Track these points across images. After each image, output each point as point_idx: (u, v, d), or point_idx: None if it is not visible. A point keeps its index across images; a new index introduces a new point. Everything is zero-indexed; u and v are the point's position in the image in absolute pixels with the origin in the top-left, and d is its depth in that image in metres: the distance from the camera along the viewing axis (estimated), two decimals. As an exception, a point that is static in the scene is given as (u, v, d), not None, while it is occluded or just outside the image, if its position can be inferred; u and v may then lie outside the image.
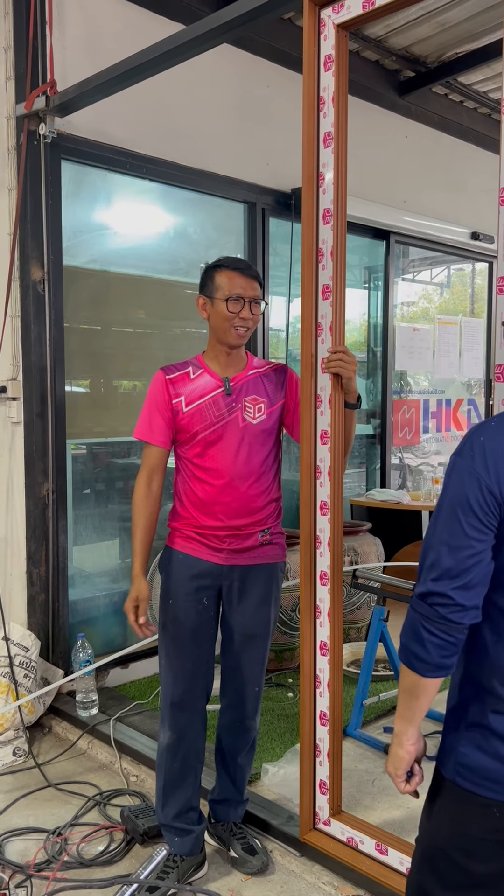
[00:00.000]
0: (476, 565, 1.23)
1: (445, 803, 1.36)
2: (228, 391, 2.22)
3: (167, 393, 2.23)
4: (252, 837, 2.41)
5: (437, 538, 1.26)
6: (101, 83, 2.94)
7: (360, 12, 2.08)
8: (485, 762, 1.28)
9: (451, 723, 1.35)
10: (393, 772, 1.40)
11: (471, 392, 5.95)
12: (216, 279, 2.20)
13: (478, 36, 4.21)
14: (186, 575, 2.23)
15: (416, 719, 1.36)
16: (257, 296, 2.21)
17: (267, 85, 4.05)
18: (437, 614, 1.24)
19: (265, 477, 2.26)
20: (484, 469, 1.22)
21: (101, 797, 2.76)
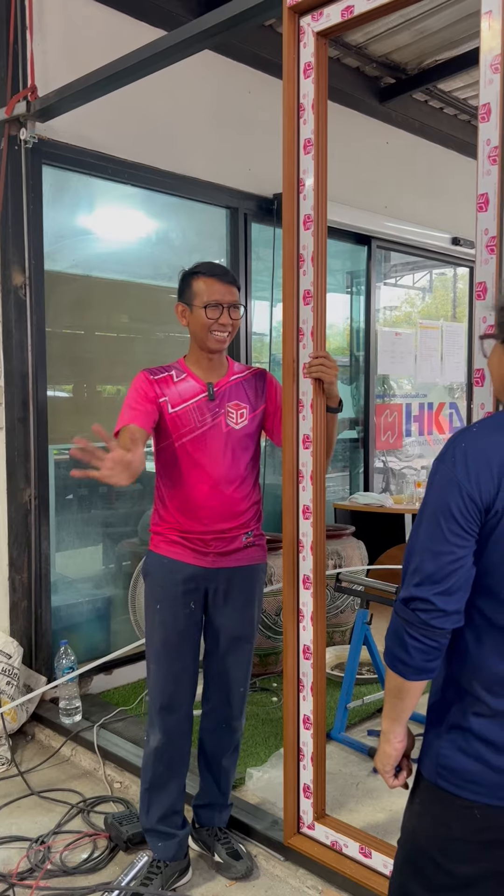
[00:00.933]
0: (458, 570, 1.24)
1: (427, 805, 1.37)
2: (212, 396, 2.23)
3: (153, 390, 2.20)
4: (236, 842, 2.41)
5: (419, 544, 1.28)
6: (82, 88, 2.94)
7: (339, 20, 2.09)
8: (466, 764, 1.29)
9: (433, 724, 1.37)
10: (382, 768, 1.43)
11: (453, 396, 5.99)
12: (194, 286, 2.20)
13: (457, 43, 4.25)
14: (173, 580, 2.23)
15: (402, 718, 1.38)
16: (235, 301, 2.21)
17: (248, 91, 4.07)
18: (420, 619, 1.25)
19: (247, 480, 2.27)
20: (465, 476, 1.23)
21: (85, 804, 2.74)
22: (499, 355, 1.37)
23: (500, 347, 1.36)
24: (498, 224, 1.84)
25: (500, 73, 1.79)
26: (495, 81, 1.81)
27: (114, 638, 3.80)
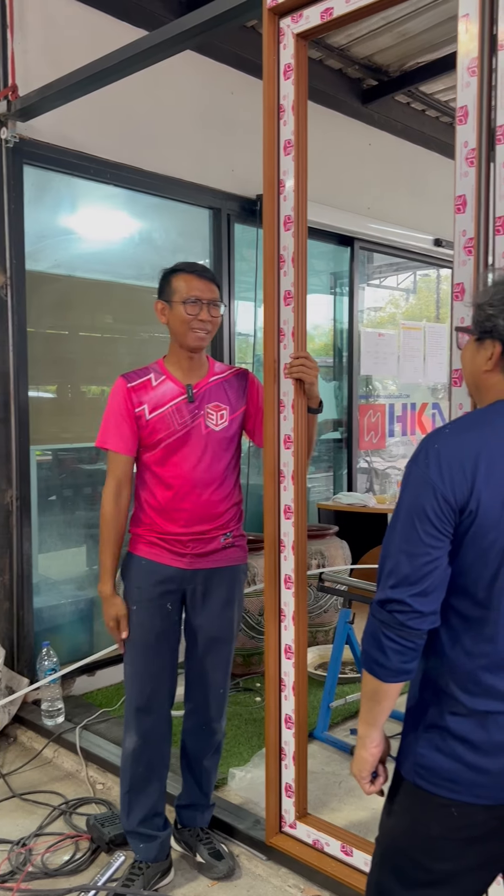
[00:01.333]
0: (433, 572, 1.25)
1: (405, 804, 1.37)
2: (191, 398, 2.23)
3: (129, 402, 2.22)
4: (218, 842, 2.41)
5: (394, 546, 1.28)
6: (64, 88, 2.93)
7: (319, 22, 2.10)
8: (443, 763, 1.30)
9: (410, 724, 1.37)
10: (357, 773, 1.42)
11: (436, 396, 6.02)
12: (173, 283, 2.20)
13: (438, 46, 4.27)
14: (150, 581, 2.23)
15: (378, 723, 1.38)
16: (215, 298, 2.21)
17: (231, 92, 4.07)
18: (396, 621, 1.25)
19: (227, 482, 2.27)
20: (439, 477, 1.24)
21: (67, 806, 2.74)
22: (472, 353, 1.38)
23: (474, 344, 1.37)
24: (475, 225, 1.85)
25: (477, 76, 1.81)
26: (472, 84, 1.82)
27: (97, 639, 3.79)
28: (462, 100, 1.84)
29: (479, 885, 1.37)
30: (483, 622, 1.27)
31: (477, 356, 1.36)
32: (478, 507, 1.23)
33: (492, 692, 1.27)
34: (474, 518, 1.23)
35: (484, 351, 1.34)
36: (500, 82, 1.78)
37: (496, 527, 1.23)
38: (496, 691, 1.27)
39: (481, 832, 1.30)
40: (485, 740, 1.27)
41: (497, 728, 1.27)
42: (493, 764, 1.27)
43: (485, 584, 1.26)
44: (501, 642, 1.26)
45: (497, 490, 1.23)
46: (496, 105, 1.79)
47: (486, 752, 1.27)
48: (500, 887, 1.64)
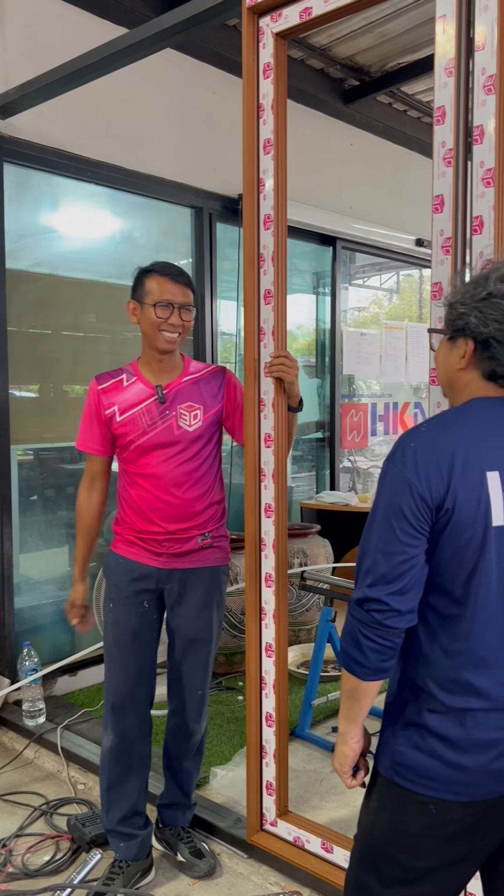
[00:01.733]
0: (410, 570, 1.25)
1: (383, 801, 1.38)
2: (161, 399, 2.22)
3: (100, 404, 2.24)
4: (199, 841, 2.41)
5: (371, 544, 1.28)
6: (44, 85, 2.92)
7: (298, 22, 2.11)
8: (421, 760, 1.30)
9: (389, 722, 1.38)
10: (339, 768, 1.43)
11: (418, 395, 6.05)
12: (146, 284, 2.19)
13: (419, 47, 4.30)
14: (126, 578, 2.23)
15: (358, 719, 1.38)
16: (188, 302, 2.19)
17: (213, 91, 4.07)
18: (374, 620, 1.26)
19: (203, 481, 2.26)
20: (415, 475, 1.25)
21: (48, 807, 2.73)
22: (445, 351, 1.39)
23: (447, 343, 1.38)
24: (453, 225, 1.86)
25: (454, 77, 1.82)
26: (449, 85, 1.83)
27: (78, 639, 3.78)
28: (439, 100, 1.86)
29: (457, 881, 1.38)
30: (460, 620, 1.28)
31: (450, 355, 1.37)
32: (454, 506, 1.24)
33: (469, 689, 1.28)
34: (451, 516, 1.24)
35: (457, 349, 1.35)
36: (476, 84, 1.79)
37: (472, 525, 1.24)
38: (473, 689, 1.28)
39: (458, 829, 1.30)
40: (463, 737, 1.28)
41: (475, 725, 1.28)
42: (470, 761, 1.28)
43: (461, 581, 1.27)
44: (478, 640, 1.27)
45: (473, 488, 1.24)
46: (473, 106, 1.80)
47: (464, 749, 1.28)
48: (477, 883, 1.65)
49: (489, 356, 1.31)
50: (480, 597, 1.26)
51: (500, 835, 1.34)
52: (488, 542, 1.25)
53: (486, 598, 1.26)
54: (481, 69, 1.77)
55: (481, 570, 1.25)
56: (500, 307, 1.28)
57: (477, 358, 1.33)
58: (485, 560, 1.25)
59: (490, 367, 1.32)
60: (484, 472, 1.25)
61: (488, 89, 1.77)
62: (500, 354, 1.29)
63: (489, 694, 1.28)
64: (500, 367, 1.31)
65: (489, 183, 1.78)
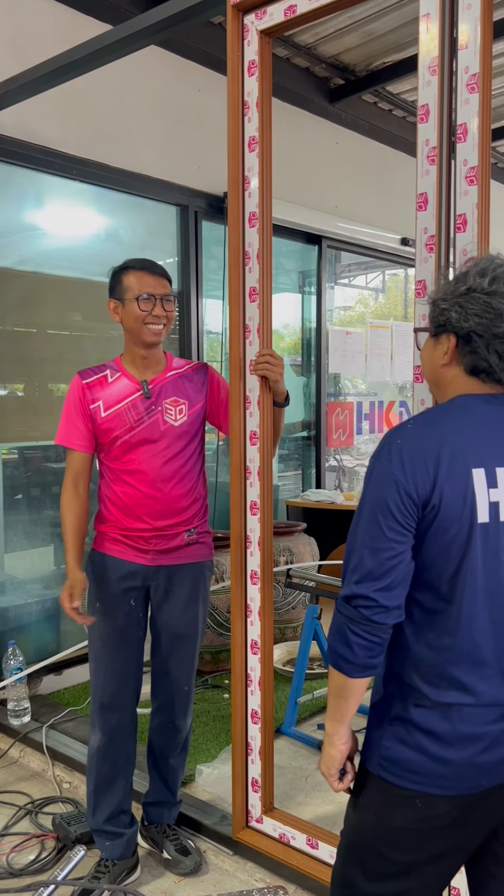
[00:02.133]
0: (397, 566, 1.26)
1: (370, 796, 1.38)
2: (147, 394, 2.22)
3: (84, 399, 2.22)
4: (185, 838, 2.41)
5: (358, 541, 1.29)
6: (27, 82, 2.90)
7: (283, 19, 2.11)
8: (408, 755, 1.31)
9: (375, 718, 1.38)
10: (326, 771, 1.42)
11: (403, 394, 6.07)
12: (124, 281, 2.19)
13: (404, 46, 4.31)
14: (113, 577, 2.22)
15: (346, 719, 1.38)
16: (168, 293, 2.20)
17: (198, 88, 4.07)
18: (362, 616, 1.26)
19: (188, 477, 2.26)
20: (402, 472, 1.25)
21: (33, 806, 2.71)
22: (430, 349, 1.40)
23: (431, 341, 1.39)
24: (437, 223, 1.88)
25: (438, 75, 1.83)
26: (433, 83, 1.84)
27: (64, 638, 3.76)
28: (423, 98, 1.86)
29: (443, 875, 1.39)
30: (446, 616, 1.28)
31: (434, 352, 1.38)
32: (440, 502, 1.24)
33: (455, 685, 1.28)
34: (437, 513, 1.25)
35: (440, 346, 1.36)
36: (460, 82, 1.80)
37: (458, 521, 1.25)
38: (460, 684, 1.28)
39: (444, 822, 1.31)
40: (448, 732, 1.29)
41: (460, 719, 1.28)
42: (456, 755, 1.28)
43: (447, 578, 1.27)
44: (464, 636, 1.28)
45: (459, 485, 1.25)
46: (456, 105, 1.81)
47: (450, 743, 1.28)
48: (462, 877, 1.66)
49: (471, 350, 1.31)
50: (466, 593, 1.27)
51: (485, 829, 1.35)
52: (474, 538, 1.25)
53: (471, 594, 1.27)
54: (465, 68, 1.78)
55: (467, 567, 1.26)
56: (479, 301, 1.28)
57: (459, 353, 1.33)
58: (470, 556, 1.26)
59: (472, 361, 1.32)
60: (469, 469, 1.25)
61: (471, 88, 1.78)
62: (481, 349, 1.30)
63: (475, 689, 1.28)
64: (483, 362, 1.31)
65: (472, 181, 1.79)
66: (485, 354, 1.30)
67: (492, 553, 1.27)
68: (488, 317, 1.28)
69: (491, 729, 1.29)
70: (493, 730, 1.29)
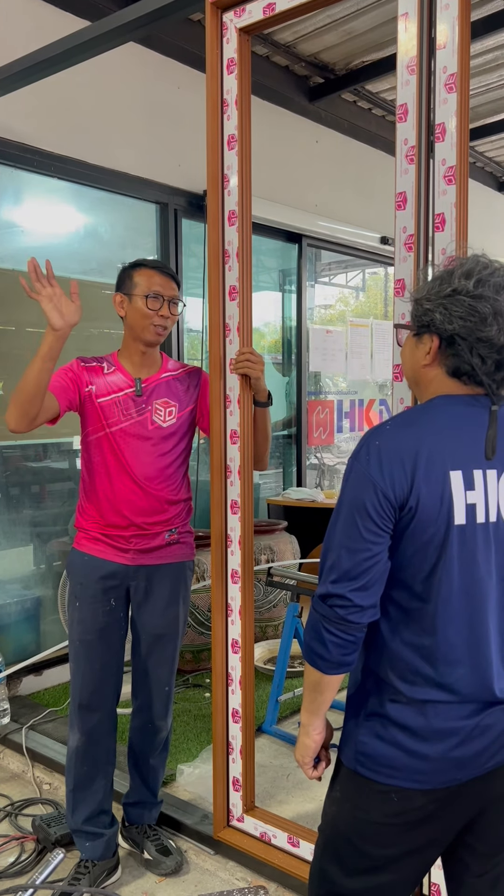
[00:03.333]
0: (373, 567, 1.27)
1: (346, 791, 1.39)
2: (139, 392, 2.22)
3: (81, 376, 2.20)
4: (166, 838, 2.41)
5: (335, 541, 1.29)
6: (4, 78, 2.87)
7: (261, 17, 2.11)
8: (383, 749, 1.32)
9: (351, 713, 1.39)
10: (301, 759, 1.44)
11: (384, 392, 6.10)
12: (135, 277, 2.21)
13: (383, 46, 4.32)
14: (93, 577, 2.21)
15: (320, 712, 1.40)
16: (175, 295, 2.22)
17: (177, 86, 4.05)
18: (337, 615, 1.27)
19: (173, 478, 2.26)
20: (379, 474, 1.25)
21: (13, 808, 2.69)
22: (411, 347, 1.40)
23: (412, 340, 1.39)
24: (416, 222, 1.88)
25: (416, 75, 1.84)
26: (412, 82, 1.85)
27: (43, 638, 3.74)
28: (402, 98, 1.87)
29: (419, 869, 1.40)
30: (422, 615, 1.29)
31: (416, 351, 1.38)
32: (417, 504, 1.25)
33: (431, 682, 1.29)
34: (414, 514, 1.25)
35: (422, 346, 1.36)
36: (438, 82, 1.81)
37: (435, 522, 1.26)
38: (434, 682, 1.29)
39: (420, 816, 1.32)
40: (423, 726, 1.30)
41: (435, 715, 1.30)
42: (431, 749, 1.29)
43: (423, 577, 1.28)
44: (440, 635, 1.29)
45: (436, 486, 1.25)
46: (435, 104, 1.82)
47: (425, 738, 1.29)
48: (438, 871, 1.68)
49: (453, 353, 1.32)
50: (442, 593, 1.28)
51: (460, 822, 1.36)
52: (450, 540, 1.26)
53: (447, 594, 1.28)
54: (443, 67, 1.79)
55: (443, 567, 1.27)
56: (464, 304, 1.28)
57: (442, 355, 1.33)
58: (446, 557, 1.27)
59: (454, 363, 1.32)
60: (447, 472, 1.26)
61: (449, 87, 1.78)
62: (464, 352, 1.30)
63: (451, 687, 1.29)
64: (465, 365, 1.31)
65: (451, 180, 1.80)
66: (467, 358, 1.30)
67: (468, 554, 1.28)
68: (472, 320, 1.28)
69: (466, 724, 1.30)
70: (468, 724, 1.30)
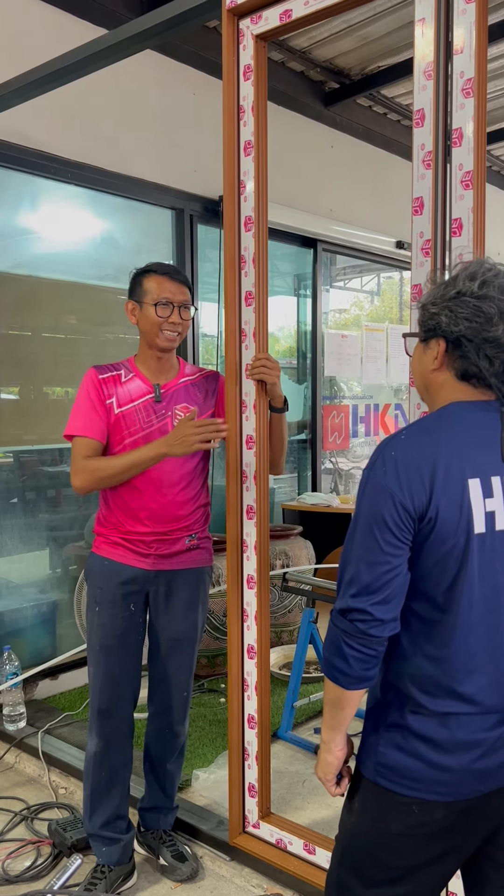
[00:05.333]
0: (393, 580, 1.25)
1: (366, 802, 1.37)
2: (158, 398, 2.22)
3: (101, 391, 2.20)
4: (182, 844, 2.40)
5: (354, 554, 1.27)
6: (22, 86, 2.89)
7: (278, 24, 2.11)
8: (404, 761, 1.30)
9: (371, 724, 1.37)
10: (323, 777, 1.42)
11: (399, 397, 6.08)
12: (145, 284, 2.20)
13: (398, 50, 4.32)
14: (113, 581, 2.22)
15: (342, 727, 1.38)
16: (186, 300, 2.21)
17: (193, 92, 4.07)
18: (358, 629, 1.25)
19: (194, 484, 2.26)
20: (397, 485, 1.23)
21: (29, 811, 2.70)
22: (419, 354, 1.39)
23: (421, 347, 1.38)
24: (432, 227, 1.88)
25: (433, 80, 1.83)
26: (428, 87, 1.85)
27: (59, 642, 3.75)
28: (419, 103, 1.86)
29: (439, 880, 1.38)
30: (443, 626, 1.27)
31: (424, 357, 1.37)
32: (437, 515, 1.23)
33: (453, 694, 1.28)
34: (433, 525, 1.23)
35: (430, 350, 1.35)
36: (455, 87, 1.80)
37: (455, 533, 1.24)
38: (457, 694, 1.28)
39: (440, 828, 1.31)
40: (447, 738, 1.28)
41: (458, 726, 1.28)
42: (454, 761, 1.28)
43: (444, 588, 1.26)
44: (461, 646, 1.27)
45: (455, 495, 1.23)
46: (452, 109, 1.82)
47: (448, 750, 1.28)
48: (457, 881, 1.66)
49: (461, 355, 1.31)
50: (463, 604, 1.26)
51: (482, 834, 1.35)
52: (470, 549, 1.24)
53: (468, 604, 1.26)
54: (460, 72, 1.79)
55: (463, 577, 1.25)
56: (469, 305, 1.27)
57: (449, 358, 1.32)
58: (467, 568, 1.25)
59: (462, 366, 1.31)
60: (465, 480, 1.24)
61: (467, 92, 1.78)
62: (471, 353, 1.29)
63: (473, 699, 1.28)
64: (473, 367, 1.30)
65: (468, 185, 1.79)
66: (475, 359, 1.29)
67: (488, 563, 1.26)
68: (478, 321, 1.27)
69: (489, 735, 1.28)
70: (491, 736, 1.28)
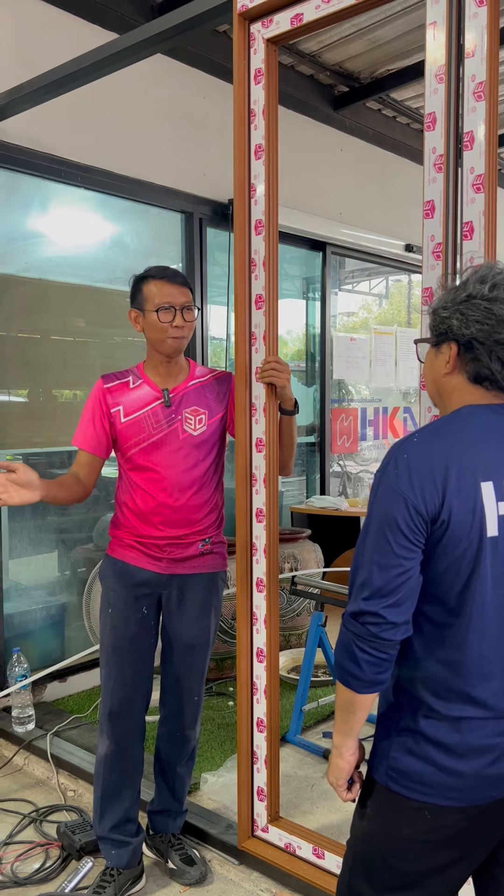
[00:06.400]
0: (406, 583, 1.24)
1: (377, 807, 1.37)
2: (167, 403, 2.22)
3: (105, 403, 2.21)
4: (190, 848, 2.40)
5: (366, 557, 1.27)
6: (33, 90, 2.91)
7: (289, 28, 2.12)
8: (416, 766, 1.29)
9: (383, 728, 1.37)
10: (334, 782, 1.41)
11: (408, 400, 6.07)
12: (145, 290, 2.18)
13: (408, 54, 4.32)
14: (126, 584, 2.22)
15: (353, 732, 1.37)
16: (188, 302, 2.19)
17: (203, 96, 4.08)
18: (370, 633, 1.25)
19: (206, 487, 2.25)
20: (409, 488, 1.23)
21: (38, 814, 2.70)
22: (431, 359, 1.39)
23: (433, 351, 1.38)
24: (444, 230, 1.87)
25: (445, 83, 1.83)
26: (440, 91, 1.84)
27: (68, 645, 3.76)
28: (430, 106, 1.86)
29: (450, 886, 1.37)
30: (455, 629, 1.27)
31: (436, 362, 1.37)
32: (449, 518, 1.23)
33: (465, 699, 1.27)
34: (446, 528, 1.23)
35: (442, 355, 1.35)
36: (466, 90, 1.80)
37: (467, 536, 1.23)
38: (469, 698, 1.27)
39: (452, 833, 1.30)
40: (459, 743, 1.27)
41: (470, 731, 1.27)
42: (466, 766, 1.27)
43: (456, 592, 1.26)
44: (473, 649, 1.27)
45: (468, 498, 1.23)
46: (463, 112, 1.81)
47: (461, 755, 1.27)
48: (469, 887, 1.65)
49: (472, 358, 1.30)
50: (476, 607, 1.25)
51: (494, 839, 1.34)
52: (483, 552, 1.24)
53: (480, 608, 1.26)
54: (471, 76, 1.79)
55: (476, 581, 1.25)
56: (480, 308, 1.27)
57: (461, 361, 1.32)
58: (480, 571, 1.24)
59: (475, 369, 1.31)
60: (478, 483, 1.24)
61: (478, 96, 1.78)
62: (483, 356, 1.29)
63: (485, 703, 1.27)
64: (485, 369, 1.30)
65: (479, 189, 1.79)
66: (487, 362, 1.29)
67: (501, 566, 1.26)
68: (489, 323, 1.27)
69: (501, 740, 1.28)
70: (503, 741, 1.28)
